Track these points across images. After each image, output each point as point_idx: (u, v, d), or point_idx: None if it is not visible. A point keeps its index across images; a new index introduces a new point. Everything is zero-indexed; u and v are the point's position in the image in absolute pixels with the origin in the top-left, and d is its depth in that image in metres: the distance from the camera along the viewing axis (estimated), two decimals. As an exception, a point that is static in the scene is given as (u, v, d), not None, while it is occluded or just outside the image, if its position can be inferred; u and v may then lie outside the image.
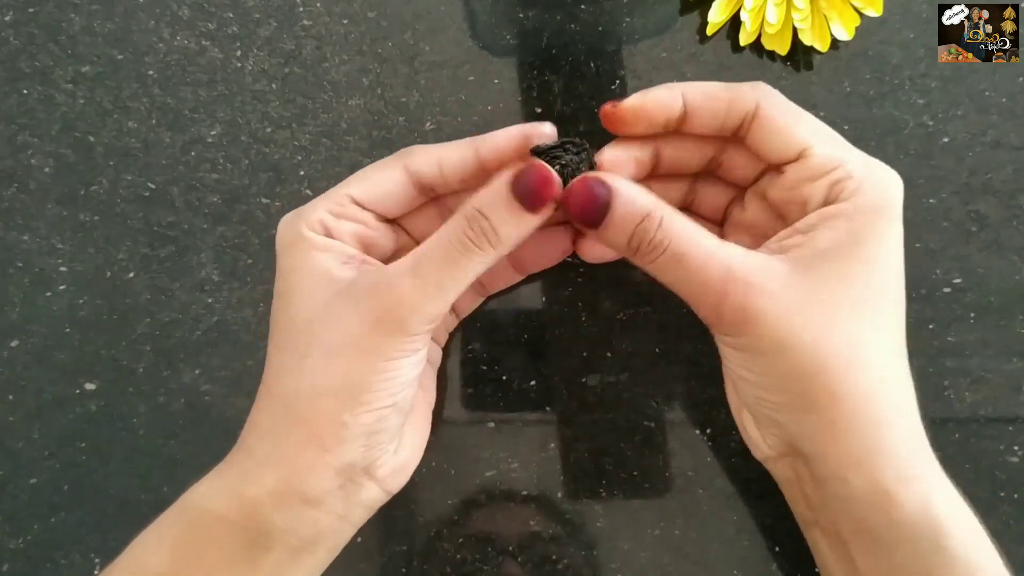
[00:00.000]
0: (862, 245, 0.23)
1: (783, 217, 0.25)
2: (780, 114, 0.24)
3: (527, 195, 0.23)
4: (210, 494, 0.24)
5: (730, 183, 0.28)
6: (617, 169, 0.25)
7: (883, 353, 0.23)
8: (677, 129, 0.25)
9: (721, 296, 0.22)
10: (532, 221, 0.23)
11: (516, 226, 0.23)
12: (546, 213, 0.23)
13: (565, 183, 0.23)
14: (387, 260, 0.27)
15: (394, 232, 0.27)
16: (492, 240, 0.23)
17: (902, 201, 0.24)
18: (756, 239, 0.26)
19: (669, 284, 0.24)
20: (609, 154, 0.26)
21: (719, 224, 0.29)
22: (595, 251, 0.28)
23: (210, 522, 0.23)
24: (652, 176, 0.27)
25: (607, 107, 0.25)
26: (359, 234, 0.25)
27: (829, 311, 0.22)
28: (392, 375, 0.23)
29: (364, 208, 0.25)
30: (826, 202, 0.23)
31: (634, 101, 0.25)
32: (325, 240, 0.24)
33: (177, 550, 0.23)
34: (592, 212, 0.23)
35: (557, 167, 0.23)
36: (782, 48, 0.31)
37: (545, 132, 0.25)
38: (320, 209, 0.25)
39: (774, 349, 0.22)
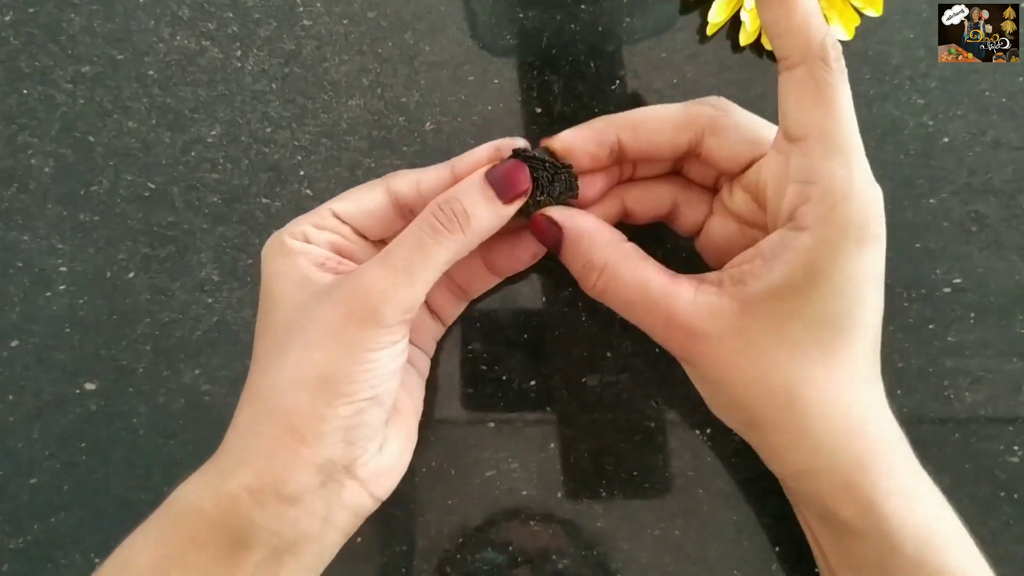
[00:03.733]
0: (820, 283, 0.22)
1: (762, 206, 0.25)
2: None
3: (500, 182, 0.24)
4: (193, 491, 0.23)
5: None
6: (572, 155, 0.26)
7: (834, 385, 0.23)
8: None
9: (664, 338, 0.25)
10: (502, 211, 0.24)
11: (487, 210, 0.24)
12: (515, 206, 0.25)
13: (537, 194, 0.25)
14: None
15: (375, 251, 0.27)
16: (462, 222, 0.23)
17: (882, 219, 0.22)
18: (741, 224, 0.27)
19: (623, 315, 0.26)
20: (564, 140, 0.26)
21: (715, 189, 0.28)
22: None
23: (193, 520, 0.23)
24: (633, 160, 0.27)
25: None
26: (335, 244, 0.26)
27: (772, 352, 0.23)
28: (370, 366, 0.23)
29: (343, 222, 0.26)
30: (790, 217, 0.23)
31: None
32: (302, 245, 0.25)
33: (162, 548, 0.23)
34: (548, 244, 0.26)
35: (532, 176, 0.25)
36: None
37: (518, 145, 0.26)
38: (303, 222, 0.26)
39: (715, 382, 0.25)
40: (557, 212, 0.26)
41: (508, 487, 0.30)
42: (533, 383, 0.30)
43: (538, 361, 0.30)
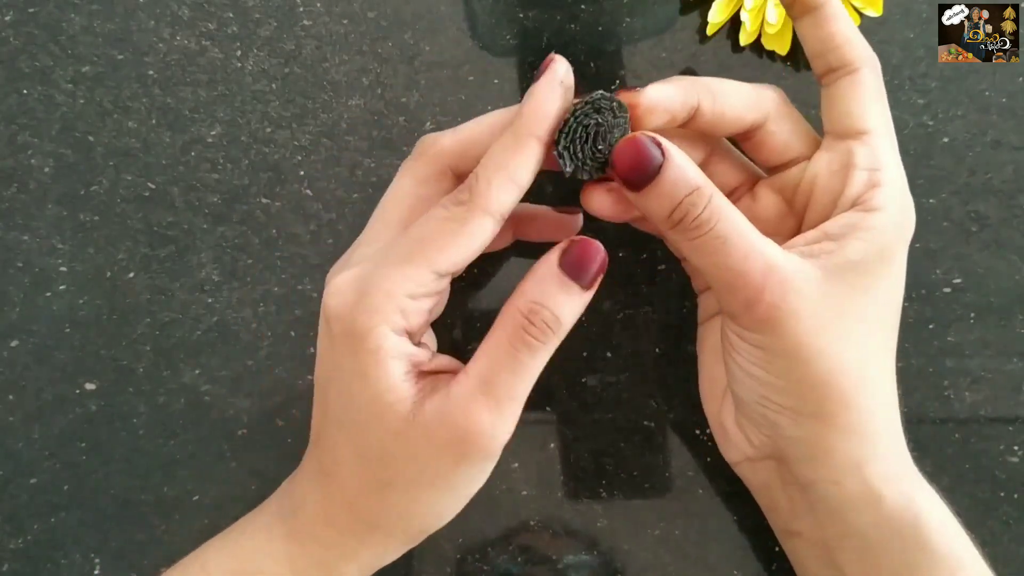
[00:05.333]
0: (888, 263, 0.23)
1: (794, 210, 0.25)
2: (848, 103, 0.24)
3: (580, 272, 0.22)
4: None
5: (748, 164, 0.27)
6: (652, 114, 0.23)
7: (885, 368, 0.24)
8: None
9: (758, 291, 0.22)
10: (586, 296, 0.22)
11: (574, 305, 0.22)
12: (596, 286, 0.22)
13: (603, 142, 0.22)
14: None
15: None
16: (555, 328, 0.22)
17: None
18: (765, 233, 0.26)
19: (703, 267, 0.23)
20: (651, 95, 0.23)
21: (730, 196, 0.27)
22: (599, 203, 0.24)
23: None
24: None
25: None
26: (432, 307, 0.23)
27: (851, 325, 0.23)
28: (477, 486, 0.24)
29: (442, 278, 0.22)
30: (856, 202, 0.23)
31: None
32: (400, 346, 0.22)
33: None
34: (640, 173, 0.22)
35: (592, 124, 0.22)
36: (782, 48, 0.31)
37: (561, 74, 0.22)
38: (396, 294, 0.21)
39: (795, 353, 0.22)
40: (655, 135, 0.22)
41: (508, 487, 0.30)
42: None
43: (538, 361, 0.30)
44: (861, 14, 0.31)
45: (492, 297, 0.30)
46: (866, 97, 0.24)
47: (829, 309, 0.22)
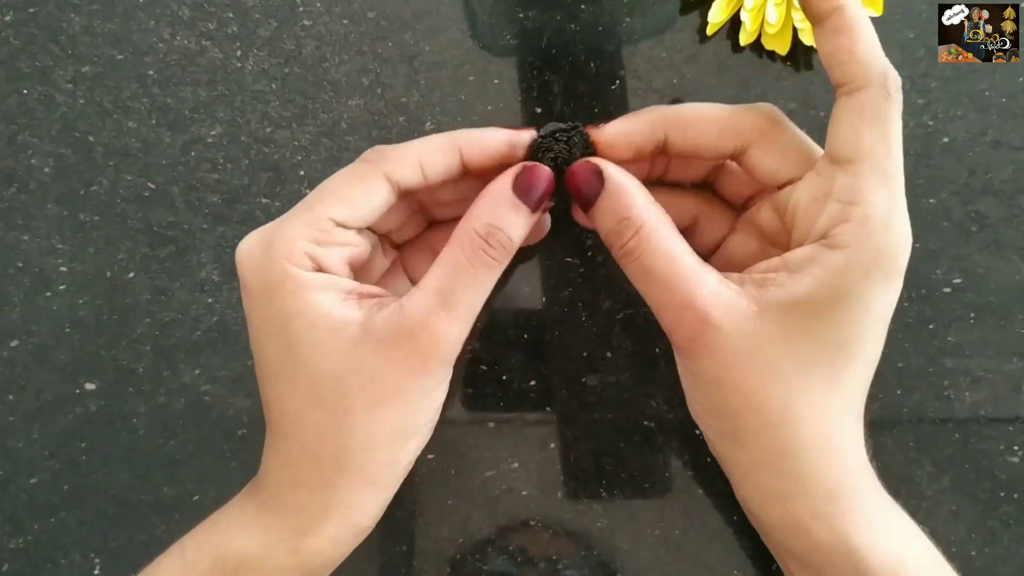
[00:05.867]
0: (841, 306, 0.22)
1: (787, 229, 0.25)
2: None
3: (530, 194, 0.23)
4: (258, 549, 0.23)
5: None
6: (613, 150, 0.25)
7: (827, 412, 0.23)
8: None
9: (676, 320, 0.23)
10: (534, 218, 0.24)
11: (523, 227, 0.23)
12: (543, 209, 0.24)
13: (560, 174, 0.24)
14: (369, 270, 0.27)
15: (366, 237, 0.25)
16: (508, 248, 0.23)
17: (907, 258, 0.22)
18: (762, 243, 0.26)
19: (638, 290, 0.24)
20: (611, 132, 0.25)
21: (742, 208, 0.27)
22: (582, 217, 0.27)
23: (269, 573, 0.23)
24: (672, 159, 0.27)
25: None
26: (349, 259, 0.24)
27: (777, 363, 0.22)
28: (435, 404, 0.24)
29: (347, 228, 0.23)
30: (825, 235, 0.22)
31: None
32: (320, 278, 0.23)
33: None
34: (582, 198, 0.24)
35: (549, 158, 0.24)
36: (782, 48, 0.31)
37: (523, 139, 0.25)
38: (299, 238, 0.22)
39: (713, 383, 0.23)
40: (601, 162, 0.24)
41: (508, 487, 0.30)
42: (533, 383, 0.30)
43: (538, 361, 0.30)
44: (861, 14, 0.30)
45: (493, 298, 0.30)
46: (861, 121, 0.22)
47: (753, 346, 0.22)
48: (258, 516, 0.24)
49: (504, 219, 0.23)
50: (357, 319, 0.22)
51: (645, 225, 0.23)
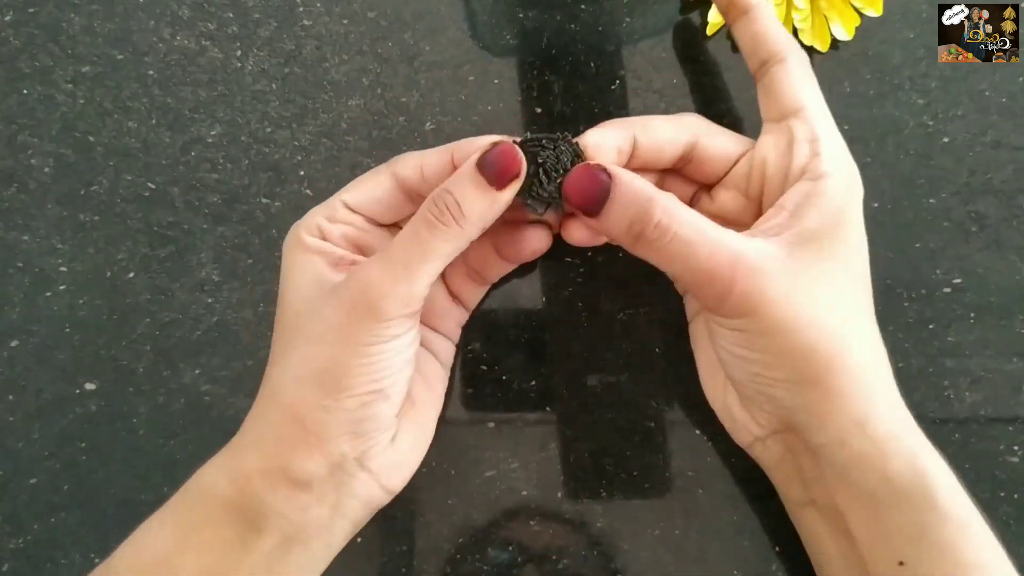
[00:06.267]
0: (845, 224, 0.24)
1: (751, 198, 0.27)
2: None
3: (492, 169, 0.24)
4: (208, 475, 0.25)
5: (696, 180, 0.29)
6: (600, 152, 0.26)
7: (865, 325, 0.25)
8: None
9: (729, 283, 0.23)
10: (497, 198, 0.24)
11: (480, 200, 0.24)
12: (511, 191, 0.24)
13: (547, 180, 0.24)
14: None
15: (390, 235, 0.28)
16: (456, 215, 0.23)
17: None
18: (729, 227, 0.26)
19: (673, 271, 0.25)
20: (593, 138, 0.26)
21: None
22: (578, 234, 0.27)
23: (208, 502, 0.24)
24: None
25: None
26: (350, 236, 0.27)
27: (822, 290, 0.24)
28: (371, 360, 0.24)
29: (355, 212, 0.27)
30: (804, 171, 0.24)
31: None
32: (318, 243, 0.26)
33: (177, 531, 0.24)
34: (592, 199, 0.24)
35: (535, 163, 0.24)
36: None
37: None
38: (317, 215, 0.26)
39: (776, 329, 0.23)
40: (604, 163, 0.25)
41: (508, 487, 0.30)
42: (533, 383, 0.30)
43: (538, 361, 0.30)
44: (861, 14, 0.31)
45: (493, 298, 0.30)
46: (796, 79, 0.26)
47: (798, 281, 0.23)
48: (229, 463, 0.25)
49: (458, 186, 0.24)
50: (337, 280, 0.25)
51: (668, 204, 0.23)
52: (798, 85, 0.26)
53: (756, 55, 0.27)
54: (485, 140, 0.25)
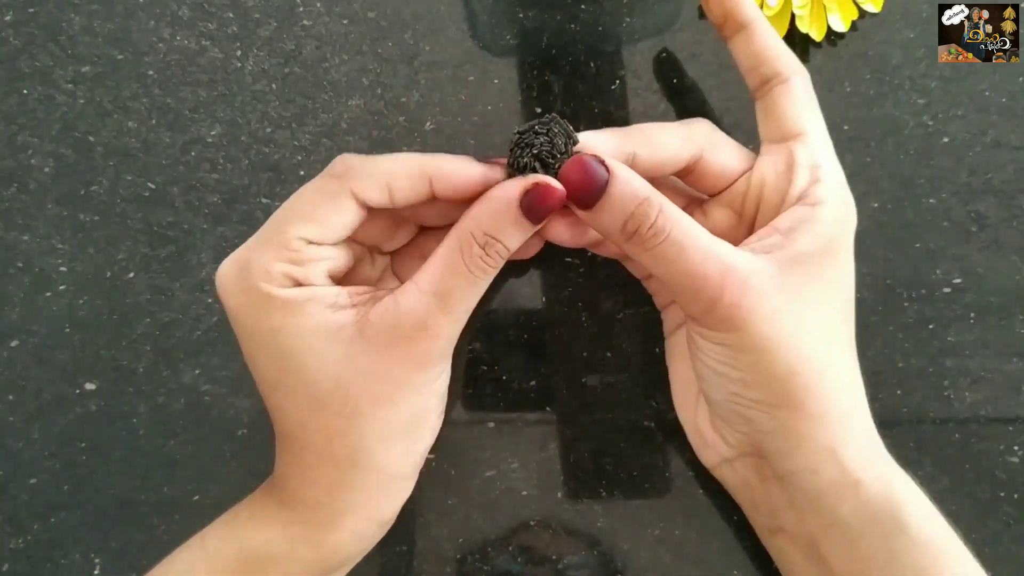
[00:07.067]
0: (835, 252, 0.24)
1: (744, 218, 0.26)
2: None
3: (538, 214, 0.23)
4: (283, 541, 0.24)
5: (687, 188, 0.28)
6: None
7: (845, 353, 0.25)
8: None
9: (718, 292, 0.23)
10: (534, 230, 0.24)
11: (523, 239, 0.24)
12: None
13: (544, 169, 0.23)
14: (357, 277, 0.26)
15: (349, 247, 0.25)
16: (503, 255, 0.23)
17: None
18: None
19: (663, 275, 0.24)
20: (588, 138, 0.25)
21: None
22: (559, 231, 0.25)
23: (293, 571, 0.24)
24: None
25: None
26: (330, 270, 0.24)
27: (809, 313, 0.23)
28: (439, 397, 0.25)
29: (320, 245, 0.23)
30: (801, 197, 0.24)
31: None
32: (302, 292, 0.23)
33: None
34: (588, 192, 0.23)
35: (531, 155, 0.23)
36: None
37: (500, 176, 0.24)
38: (273, 261, 0.23)
39: (761, 347, 0.23)
40: (599, 155, 0.23)
41: (508, 487, 0.30)
42: (533, 383, 0.30)
43: (538, 361, 0.30)
44: (861, 9, 0.31)
45: (493, 298, 0.30)
46: (799, 103, 0.25)
47: (786, 301, 0.23)
48: (279, 512, 0.24)
49: (504, 232, 0.23)
50: (350, 321, 0.23)
51: (664, 204, 0.23)
52: (801, 108, 0.25)
53: (757, 73, 0.26)
54: (469, 176, 0.23)
